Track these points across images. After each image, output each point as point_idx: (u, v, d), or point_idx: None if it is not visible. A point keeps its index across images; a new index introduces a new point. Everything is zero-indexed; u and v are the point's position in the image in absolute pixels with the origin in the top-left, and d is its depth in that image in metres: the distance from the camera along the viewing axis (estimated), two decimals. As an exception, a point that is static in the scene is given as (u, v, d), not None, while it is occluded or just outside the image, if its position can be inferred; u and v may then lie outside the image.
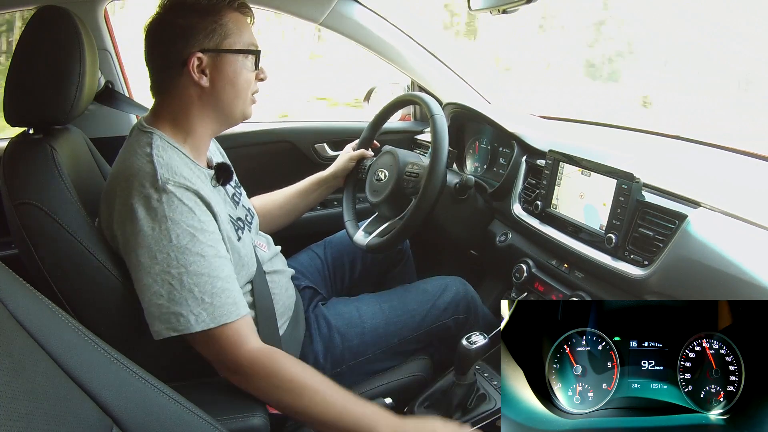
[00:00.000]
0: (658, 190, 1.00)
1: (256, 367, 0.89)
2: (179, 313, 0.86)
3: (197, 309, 0.86)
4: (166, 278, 0.86)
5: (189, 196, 0.89)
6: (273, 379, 0.88)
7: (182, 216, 0.87)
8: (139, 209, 0.86)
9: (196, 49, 0.93)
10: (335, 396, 0.89)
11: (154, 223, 0.86)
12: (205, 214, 0.91)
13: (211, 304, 0.87)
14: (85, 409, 0.59)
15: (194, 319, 0.86)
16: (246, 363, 0.89)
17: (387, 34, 1.73)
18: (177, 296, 0.86)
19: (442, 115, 1.22)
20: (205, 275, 0.87)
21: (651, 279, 0.94)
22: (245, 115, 1.03)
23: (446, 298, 1.26)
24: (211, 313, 0.87)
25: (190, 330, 0.86)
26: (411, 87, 1.91)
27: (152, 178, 0.87)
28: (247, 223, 1.10)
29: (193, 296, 0.86)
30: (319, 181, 1.44)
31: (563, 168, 1.17)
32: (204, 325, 0.87)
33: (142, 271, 0.86)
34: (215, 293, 0.88)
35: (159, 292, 0.86)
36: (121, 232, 0.88)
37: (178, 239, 0.86)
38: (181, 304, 0.86)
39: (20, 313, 0.57)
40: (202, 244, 0.88)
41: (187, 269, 0.86)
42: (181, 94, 0.97)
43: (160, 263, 0.86)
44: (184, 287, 0.86)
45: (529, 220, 1.26)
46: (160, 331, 0.87)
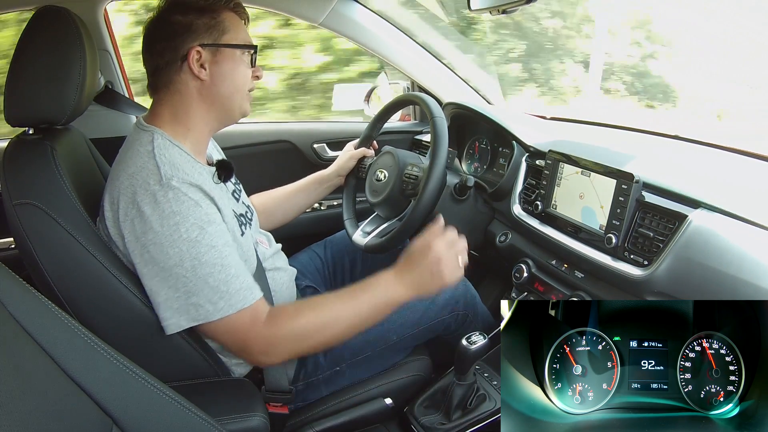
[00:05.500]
0: (658, 190, 1.00)
1: (278, 338, 0.93)
2: (197, 303, 0.88)
3: (214, 298, 0.89)
4: (180, 272, 0.87)
5: (194, 191, 0.90)
6: (297, 338, 0.94)
7: (189, 210, 0.88)
8: (145, 207, 0.87)
9: (196, 44, 0.95)
10: (345, 306, 0.96)
11: (162, 219, 0.87)
12: (210, 206, 0.92)
13: (227, 291, 0.89)
14: (85, 409, 0.59)
15: (212, 308, 0.89)
16: (271, 338, 0.93)
17: (387, 34, 1.73)
18: (193, 288, 0.88)
19: (443, 117, 1.22)
20: (218, 264, 0.89)
21: (651, 279, 0.94)
22: (243, 111, 1.04)
23: (445, 294, 1.26)
24: (227, 300, 0.89)
25: (210, 318, 0.89)
26: (411, 87, 1.91)
27: (156, 175, 0.88)
28: (248, 220, 1.11)
29: (209, 286, 0.88)
30: (319, 179, 1.44)
31: (563, 168, 1.17)
32: (223, 313, 0.89)
33: (155, 267, 0.88)
34: (229, 281, 0.90)
35: (175, 286, 0.88)
36: (129, 231, 0.89)
37: (188, 233, 0.87)
38: (198, 295, 0.88)
39: (20, 313, 0.57)
40: (211, 236, 0.90)
41: (200, 261, 0.88)
42: (181, 89, 0.97)
43: (172, 258, 0.87)
44: (199, 278, 0.88)
45: (529, 221, 1.26)
46: (179, 323, 0.89)
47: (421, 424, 1.11)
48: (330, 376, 1.15)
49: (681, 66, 4.17)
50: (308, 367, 1.13)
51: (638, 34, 4.30)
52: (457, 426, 1.08)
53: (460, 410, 1.10)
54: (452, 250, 1.01)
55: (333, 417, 1.14)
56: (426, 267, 0.99)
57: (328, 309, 0.96)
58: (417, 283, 0.99)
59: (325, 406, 1.14)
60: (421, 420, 1.11)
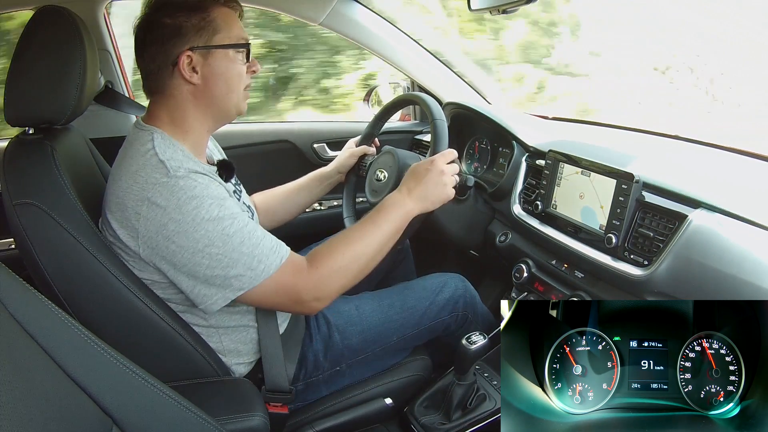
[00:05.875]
0: (658, 190, 1.00)
1: (323, 278, 0.97)
2: (238, 274, 0.90)
3: (253, 263, 0.91)
4: (213, 250, 0.89)
5: (201, 177, 0.91)
6: (339, 272, 0.99)
7: (202, 191, 0.89)
8: (160, 200, 0.87)
9: (186, 48, 0.94)
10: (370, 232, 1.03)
11: (180, 206, 0.87)
12: (219, 187, 0.94)
13: (262, 253, 0.92)
14: (85, 409, 0.59)
15: (253, 273, 0.91)
16: (318, 281, 0.97)
17: (387, 34, 1.73)
18: (229, 261, 0.89)
19: (444, 120, 1.22)
20: (245, 232, 0.91)
21: (651, 279, 0.94)
22: (239, 110, 1.03)
23: (445, 294, 1.26)
24: (265, 262, 0.92)
25: (255, 283, 0.91)
26: (411, 87, 1.91)
27: (162, 169, 0.89)
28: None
29: (244, 254, 0.90)
30: (320, 176, 1.43)
31: (563, 168, 1.17)
32: (266, 274, 0.92)
33: (186, 254, 0.89)
34: (260, 243, 0.92)
35: (211, 265, 0.89)
36: (145, 228, 0.89)
37: (209, 212, 0.89)
38: (237, 266, 0.90)
39: (20, 313, 0.57)
40: (229, 208, 0.91)
41: (228, 234, 0.89)
42: (175, 93, 0.97)
43: (201, 240, 0.88)
44: (233, 251, 0.89)
45: (529, 221, 1.26)
46: (225, 296, 0.91)
47: (421, 424, 1.11)
48: (330, 376, 1.15)
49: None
50: (308, 367, 1.13)
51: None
52: (457, 426, 1.08)
53: (460, 410, 1.10)
54: (452, 166, 1.11)
55: (333, 417, 1.14)
56: (431, 179, 1.08)
57: (357, 239, 1.02)
58: (424, 196, 1.08)
59: (325, 406, 1.14)
60: (421, 420, 1.12)
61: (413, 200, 1.07)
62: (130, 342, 0.92)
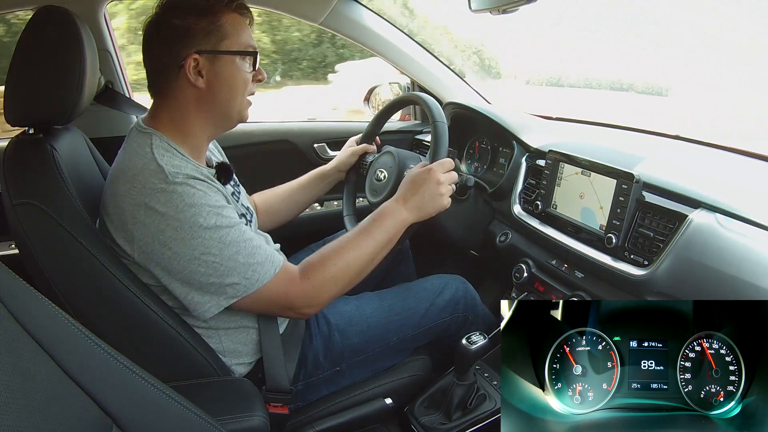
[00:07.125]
0: (659, 190, 1.00)
1: (316, 288, 0.98)
2: (233, 283, 0.92)
3: (248, 272, 0.92)
4: (209, 258, 0.89)
5: (200, 183, 0.91)
6: (331, 281, 0.99)
7: (200, 199, 0.89)
8: (158, 206, 0.87)
9: (193, 51, 0.93)
10: (363, 241, 1.03)
11: (178, 214, 0.88)
12: (217, 193, 0.94)
13: (257, 262, 0.93)
14: (85, 409, 0.59)
15: (248, 282, 0.92)
16: (310, 290, 0.98)
17: (387, 34, 1.73)
18: (225, 270, 0.91)
19: (444, 122, 1.22)
20: (241, 241, 0.92)
21: (651, 279, 0.94)
22: (241, 117, 1.03)
23: (446, 296, 1.26)
24: (260, 271, 0.93)
25: (249, 291, 0.93)
26: (411, 87, 1.91)
27: (161, 175, 0.89)
28: (247, 221, 1.10)
29: (240, 263, 0.91)
30: (320, 175, 1.43)
31: (563, 168, 1.17)
32: (260, 283, 0.93)
33: (182, 261, 0.89)
34: (255, 252, 0.93)
35: (207, 273, 0.90)
36: (142, 233, 0.89)
37: (206, 220, 0.89)
38: (232, 274, 0.91)
39: (20, 313, 0.57)
40: (227, 217, 0.92)
41: (225, 243, 0.90)
42: (178, 96, 0.97)
43: (197, 247, 0.89)
44: (228, 260, 0.91)
45: (529, 220, 1.26)
46: (219, 303, 0.92)
47: (421, 424, 1.11)
48: (330, 376, 1.15)
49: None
50: (308, 367, 1.13)
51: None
52: (457, 426, 1.08)
53: (460, 410, 1.10)
54: (449, 175, 1.11)
55: (333, 417, 1.14)
56: (427, 189, 1.08)
57: (349, 248, 1.02)
58: (419, 206, 1.08)
59: (325, 406, 1.14)
60: (421, 420, 1.12)
61: (408, 210, 1.08)
62: (131, 342, 0.92)
